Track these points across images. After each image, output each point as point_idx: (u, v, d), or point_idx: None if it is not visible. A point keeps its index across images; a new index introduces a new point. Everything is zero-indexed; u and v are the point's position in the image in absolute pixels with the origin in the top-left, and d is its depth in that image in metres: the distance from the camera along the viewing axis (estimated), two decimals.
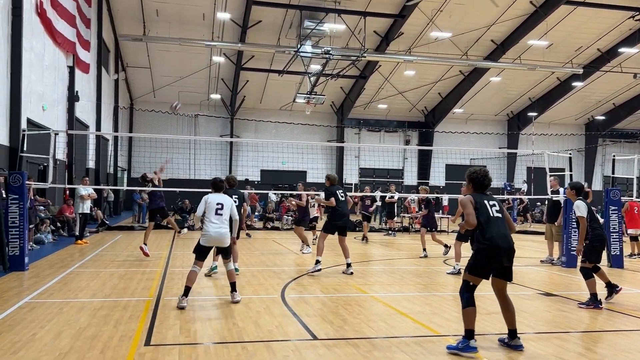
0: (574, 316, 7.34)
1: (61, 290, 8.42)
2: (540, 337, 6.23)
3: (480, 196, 5.78)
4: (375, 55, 30.04)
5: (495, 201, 5.81)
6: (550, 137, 40.37)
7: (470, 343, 5.45)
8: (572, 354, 5.57)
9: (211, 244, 7.79)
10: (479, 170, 5.94)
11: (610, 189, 13.11)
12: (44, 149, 14.71)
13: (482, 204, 5.68)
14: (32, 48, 16.23)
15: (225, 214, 7.79)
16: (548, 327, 6.72)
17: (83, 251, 13.62)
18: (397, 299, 8.23)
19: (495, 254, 5.55)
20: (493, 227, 5.58)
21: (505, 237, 5.62)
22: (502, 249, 5.55)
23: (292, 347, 5.60)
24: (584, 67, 32.70)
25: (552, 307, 7.93)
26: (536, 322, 6.94)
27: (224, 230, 7.71)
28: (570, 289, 9.54)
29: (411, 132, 41.24)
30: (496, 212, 5.69)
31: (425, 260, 13.10)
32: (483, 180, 5.85)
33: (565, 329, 6.65)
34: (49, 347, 5.43)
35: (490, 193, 5.97)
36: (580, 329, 6.71)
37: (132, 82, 35.41)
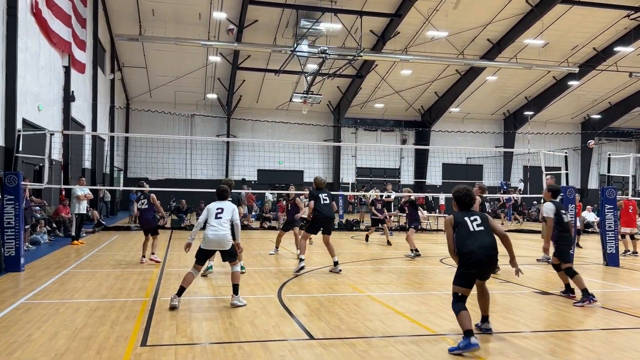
0: (569, 314, 7.36)
1: (57, 291, 8.40)
2: (536, 335, 6.24)
3: (461, 214, 6.11)
4: (372, 55, 30.06)
5: (477, 215, 6.10)
6: (546, 136, 40.49)
7: (471, 340, 5.55)
8: (568, 352, 5.59)
9: (210, 247, 7.67)
10: (462, 189, 6.24)
11: (606, 188, 13.14)
12: (40, 149, 14.66)
13: (462, 222, 6.01)
14: (27, 48, 16.18)
15: (225, 217, 7.70)
16: (544, 326, 6.74)
17: (79, 252, 13.60)
18: (394, 298, 8.23)
19: (477, 265, 5.85)
20: (474, 241, 5.88)
21: (487, 248, 5.88)
22: (483, 262, 5.86)
23: (288, 347, 5.60)
24: (579, 66, 32.78)
25: (548, 305, 7.95)
26: (532, 321, 6.96)
27: (222, 233, 7.59)
28: None
29: (408, 132, 41.29)
30: (477, 227, 5.98)
31: (422, 259, 13.12)
32: (464, 199, 6.18)
33: (561, 327, 6.67)
34: (45, 348, 5.42)
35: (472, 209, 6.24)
36: (576, 327, 6.73)
37: (128, 82, 35.34)
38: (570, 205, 12.47)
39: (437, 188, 38.15)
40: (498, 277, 10.28)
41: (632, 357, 5.50)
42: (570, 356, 5.48)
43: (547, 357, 5.41)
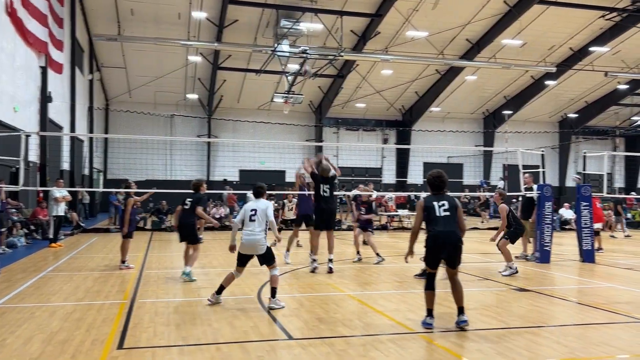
0: (545, 310, 7.46)
1: (33, 295, 8.28)
2: (512, 332, 6.31)
3: (431, 198, 6.66)
4: (353, 55, 30.12)
5: (447, 201, 6.60)
6: (525, 134, 40.93)
7: (427, 320, 6.42)
8: (544, 348, 5.67)
9: (245, 252, 7.65)
10: (433, 172, 6.83)
11: (582, 186, 13.34)
12: (16, 151, 14.44)
13: (431, 206, 6.57)
14: (2, 48, 15.93)
15: (259, 219, 7.59)
16: (521, 322, 6.81)
17: (57, 254, 13.42)
18: (373, 297, 8.27)
19: (437, 246, 6.51)
20: (438, 225, 6.50)
21: (448, 233, 6.49)
22: (443, 243, 6.50)
23: (267, 348, 5.60)
24: (557, 65, 33.21)
25: (525, 302, 8.05)
26: (509, 317, 7.04)
27: (256, 237, 7.52)
28: (544, 284, 9.69)
29: (389, 131, 41.44)
30: (443, 212, 6.53)
31: (402, 257, 13.15)
32: (434, 181, 6.74)
33: (537, 323, 6.76)
34: (19, 352, 5.35)
35: (445, 192, 6.77)
36: (552, 324, 6.83)
37: (107, 82, 34.94)
38: (547, 203, 12.64)
39: (418, 187, 38.36)
40: (474, 274, 10.39)
41: (606, 351, 5.59)
42: (546, 352, 5.55)
43: (524, 352, 5.48)
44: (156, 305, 7.60)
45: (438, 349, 5.59)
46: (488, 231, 22.95)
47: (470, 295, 8.48)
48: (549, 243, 12.53)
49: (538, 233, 12.61)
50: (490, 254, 14.49)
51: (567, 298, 8.41)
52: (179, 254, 13.61)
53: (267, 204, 7.81)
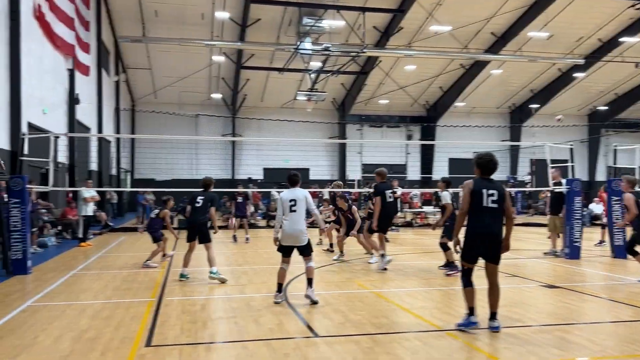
0: (576, 307, 7.31)
1: (63, 293, 8.43)
2: (541, 329, 6.20)
3: (480, 184, 6.17)
4: (375, 51, 29.97)
5: (496, 190, 6.14)
6: (552, 128, 40.18)
7: (471, 319, 6.14)
8: (575, 346, 5.54)
9: (287, 243, 7.69)
10: (485, 154, 6.37)
11: (612, 180, 13.04)
12: (46, 152, 14.72)
13: (479, 193, 6.09)
14: (30, 52, 16.23)
15: (300, 210, 7.62)
16: (550, 320, 6.68)
17: (86, 253, 13.66)
18: (399, 295, 8.21)
19: (478, 240, 6.08)
20: (483, 217, 6.05)
21: (492, 227, 6.06)
22: (485, 238, 6.07)
23: (292, 345, 5.59)
24: (585, 57, 32.52)
25: (555, 299, 7.90)
26: (539, 315, 6.91)
27: (297, 228, 7.57)
28: (574, 281, 9.50)
29: (413, 127, 41.13)
30: (491, 203, 6.06)
31: (428, 255, 13.07)
32: (487, 164, 6.30)
33: (567, 320, 6.62)
34: (49, 350, 5.44)
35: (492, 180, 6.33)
36: (583, 321, 6.68)
37: (133, 83, 35.42)
38: (576, 198, 12.39)
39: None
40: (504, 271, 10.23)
41: (639, 349, 5.44)
42: (577, 350, 5.43)
43: (554, 350, 5.37)
44: (183, 303, 7.67)
45: (466, 346, 5.52)
46: (515, 227, 22.65)
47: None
48: (578, 239, 12.29)
49: (567, 229, 12.36)
50: (518, 250, 14.29)
51: (598, 294, 8.22)
52: (204, 253, 13.73)
53: (304, 192, 7.84)
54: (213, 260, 9.53)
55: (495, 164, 6.34)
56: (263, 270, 10.62)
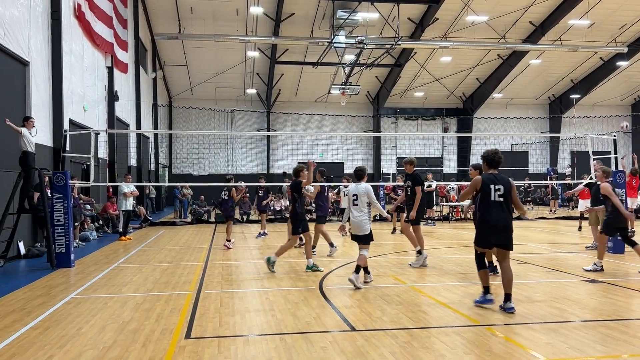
0: (621, 303, 7.09)
1: (105, 286, 8.64)
2: (585, 325, 6.04)
3: (489, 179, 6.72)
4: (410, 43, 29.68)
5: (502, 185, 6.68)
6: (594, 119, 39.14)
7: (487, 297, 6.86)
8: (620, 343, 5.38)
9: (353, 232, 8.43)
10: (490, 150, 6.96)
11: None
12: (86, 148, 15.10)
13: (488, 189, 6.67)
14: (71, 50, 16.66)
15: (361, 204, 8.28)
16: (593, 315, 6.50)
17: (127, 247, 13.97)
18: (437, 289, 8.12)
19: (491, 231, 6.69)
20: (491, 210, 6.64)
21: (501, 219, 6.63)
22: (496, 230, 6.66)
23: (330, 339, 5.59)
24: (628, 45, 31.50)
25: (597, 294, 7.69)
26: (581, 310, 6.74)
27: (359, 219, 8.24)
28: (617, 276, 9.22)
29: (449, 119, 40.62)
30: (498, 197, 6.64)
31: (465, 249, 12.90)
32: (493, 157, 6.86)
33: (612, 316, 6.43)
34: (94, 341, 5.58)
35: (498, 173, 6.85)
36: (628, 317, 6.47)
37: (169, 79, 36.00)
38: (620, 190, 12.01)
39: None
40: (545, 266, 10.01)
41: None
42: (622, 347, 5.27)
43: (598, 347, 5.23)
44: (221, 295, 7.76)
45: (505, 341, 5.42)
46: (556, 221, 22.15)
47: (539, 287, 8.20)
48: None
49: None
50: (559, 244, 13.97)
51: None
52: (242, 246, 13.89)
53: (366, 188, 8.36)
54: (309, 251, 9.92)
55: (500, 158, 6.87)
56: (298, 264, 10.66)
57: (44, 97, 14.29)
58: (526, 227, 19.24)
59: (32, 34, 13.46)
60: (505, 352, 5.08)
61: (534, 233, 16.89)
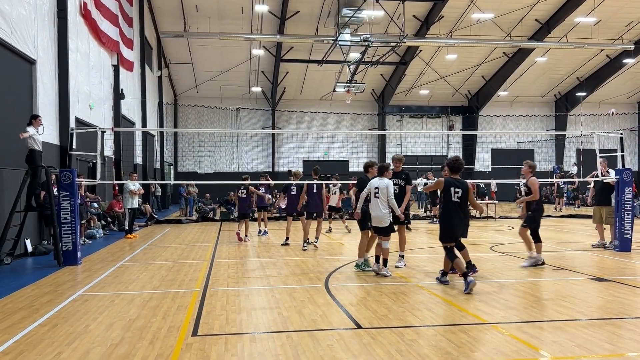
0: (628, 302, 7.07)
1: (112, 283, 8.68)
2: (592, 323, 6.03)
3: (450, 182, 7.93)
4: (416, 41, 29.62)
5: (461, 189, 7.89)
6: (600, 117, 38.97)
7: (468, 279, 7.62)
8: (628, 341, 5.37)
9: (373, 224, 8.98)
10: (453, 157, 8.16)
11: None
12: (93, 146, 15.15)
13: (449, 190, 7.91)
14: (77, 49, 16.71)
15: (382, 198, 8.74)
16: (600, 314, 6.49)
17: (133, 245, 14.02)
18: (442, 287, 8.12)
19: (451, 226, 7.95)
20: (451, 208, 7.92)
21: (459, 216, 7.90)
22: (456, 224, 7.92)
23: (336, 336, 5.60)
24: (635, 42, 31.35)
25: (604, 292, 7.67)
26: (587, 309, 6.72)
27: (379, 212, 8.76)
28: (624, 274, 9.19)
29: (455, 117, 40.55)
30: (457, 198, 7.88)
31: (471, 247, 12.85)
32: (453, 164, 8.07)
33: (619, 314, 6.41)
34: (101, 338, 5.61)
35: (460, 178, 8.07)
36: (635, 315, 6.45)
37: (175, 78, 36.08)
38: (627, 189, 11.98)
39: (487, 174, 37.40)
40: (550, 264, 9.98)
41: None
42: (630, 345, 5.26)
43: (606, 345, 5.21)
44: (227, 293, 7.79)
45: (512, 339, 5.41)
46: (562, 219, 22.09)
47: (546, 285, 8.19)
48: (629, 230, 11.89)
49: (617, 220, 11.97)
50: (565, 242, 13.94)
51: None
52: (246, 244, 13.92)
53: (388, 183, 8.87)
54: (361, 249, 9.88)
55: (461, 164, 8.09)
56: (304, 262, 10.68)
57: (50, 95, 14.35)
58: None
59: (38, 33, 13.51)
60: (512, 351, 5.07)
61: (540, 231, 16.82)
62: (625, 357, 4.88)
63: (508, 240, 14.52)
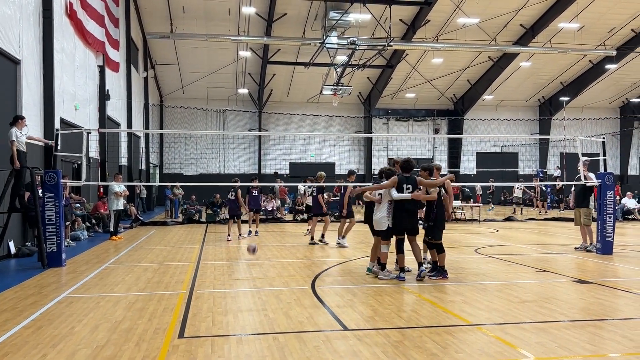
0: (609, 303, 7.20)
1: (97, 285, 8.63)
2: (574, 324, 6.13)
3: (402, 179, 8.78)
4: (402, 44, 29.81)
5: (411, 184, 8.75)
6: (583, 121, 39.48)
7: (401, 274, 8.79)
8: (609, 342, 5.47)
9: (375, 227, 9.30)
10: (403, 158, 9.14)
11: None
12: (78, 147, 15.04)
13: (401, 186, 8.73)
14: (63, 49, 16.59)
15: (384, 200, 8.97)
16: (582, 315, 6.60)
17: (118, 247, 13.93)
18: (428, 289, 8.19)
19: (403, 218, 8.75)
20: (403, 203, 8.72)
21: (409, 209, 8.76)
22: (405, 217, 8.74)
23: (322, 338, 5.64)
24: (617, 48, 31.83)
25: (586, 294, 7.79)
26: (570, 310, 6.83)
27: (378, 216, 8.98)
28: (606, 276, 9.34)
29: (440, 121, 40.82)
30: (407, 192, 8.70)
31: (457, 249, 13.00)
32: (404, 164, 8.95)
33: (600, 316, 6.53)
34: (87, 340, 5.59)
35: (411, 175, 8.89)
36: (616, 317, 6.57)
37: (161, 79, 35.90)
38: (609, 192, 12.17)
39: (471, 177, 37.69)
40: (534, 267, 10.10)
41: None
42: (611, 346, 5.36)
43: (587, 346, 5.31)
44: (213, 295, 7.79)
45: (496, 341, 5.49)
46: (545, 222, 22.34)
47: (529, 287, 8.29)
48: (611, 233, 12.08)
49: (599, 223, 12.16)
50: (548, 245, 14.11)
51: (631, 290, 8.08)
52: (234, 246, 13.92)
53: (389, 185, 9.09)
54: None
55: (412, 164, 8.95)
56: (290, 264, 10.70)
57: (35, 95, 14.22)
58: (517, 228, 19.41)
59: (23, 32, 13.39)
60: (496, 352, 5.15)
61: (523, 234, 17.03)
62: (607, 358, 4.97)
63: (493, 242, 14.67)
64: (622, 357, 5.00)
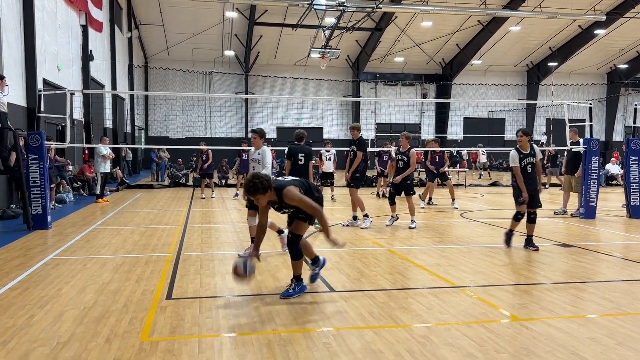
0: (591, 267, 7.34)
1: (84, 248, 8.62)
2: (556, 287, 6.25)
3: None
4: (391, 7, 29.37)
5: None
6: (570, 87, 39.56)
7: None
8: (589, 304, 5.60)
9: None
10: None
11: (632, 139, 12.87)
12: (61, 109, 14.79)
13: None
14: (44, 7, 16.13)
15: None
16: (564, 278, 6.73)
17: (104, 209, 13.88)
18: (413, 252, 8.29)
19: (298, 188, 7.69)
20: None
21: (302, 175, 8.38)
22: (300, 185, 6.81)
23: (310, 299, 5.70)
24: (607, 14, 31.64)
25: (569, 257, 7.94)
26: (553, 273, 6.96)
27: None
28: (588, 240, 9.52)
29: (428, 85, 40.66)
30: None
31: (442, 213, 13.13)
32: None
33: (582, 278, 6.66)
34: (74, 301, 5.60)
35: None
36: (597, 279, 6.72)
37: (145, 40, 35.18)
38: (594, 158, 12.28)
39: (459, 143, 37.79)
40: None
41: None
42: (591, 307, 5.49)
43: (568, 307, 5.43)
44: (201, 258, 7.82)
45: (480, 302, 5.60)
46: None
47: (514, 251, 8.42)
48: (594, 198, 12.24)
49: (583, 188, 12.31)
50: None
51: (612, 254, 8.25)
52: (220, 210, 13.92)
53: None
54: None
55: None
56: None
57: (15, 54, 13.87)
58: (501, 193, 19.61)
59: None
60: (480, 312, 5.25)
61: (508, 199, 17.19)
62: (586, 319, 5.09)
63: (478, 207, 14.81)
64: (601, 317, 5.13)
